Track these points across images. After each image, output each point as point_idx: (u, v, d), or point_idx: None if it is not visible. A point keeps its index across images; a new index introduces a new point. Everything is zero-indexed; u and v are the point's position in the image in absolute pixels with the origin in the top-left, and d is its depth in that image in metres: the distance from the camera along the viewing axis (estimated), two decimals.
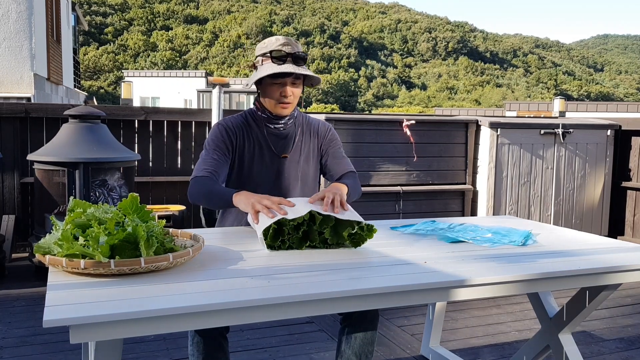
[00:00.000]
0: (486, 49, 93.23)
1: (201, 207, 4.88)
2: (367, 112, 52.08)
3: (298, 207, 1.82)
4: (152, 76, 31.88)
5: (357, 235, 1.83)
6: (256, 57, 2.20)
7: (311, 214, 1.79)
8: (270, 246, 1.78)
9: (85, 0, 70.64)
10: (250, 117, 2.27)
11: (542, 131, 5.21)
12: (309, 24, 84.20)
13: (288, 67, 2.10)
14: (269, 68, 2.11)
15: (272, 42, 2.15)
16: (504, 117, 6.74)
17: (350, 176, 2.28)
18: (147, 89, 29.03)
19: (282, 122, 2.24)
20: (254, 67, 2.21)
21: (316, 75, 2.20)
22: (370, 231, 1.82)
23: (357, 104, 68.82)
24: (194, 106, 23.57)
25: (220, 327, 1.94)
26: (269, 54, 2.13)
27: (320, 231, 1.81)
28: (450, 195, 5.12)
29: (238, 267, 1.59)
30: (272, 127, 2.24)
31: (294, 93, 2.17)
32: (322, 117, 4.62)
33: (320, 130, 2.35)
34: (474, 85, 77.47)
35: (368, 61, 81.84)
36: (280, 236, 1.78)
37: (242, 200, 1.91)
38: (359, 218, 1.82)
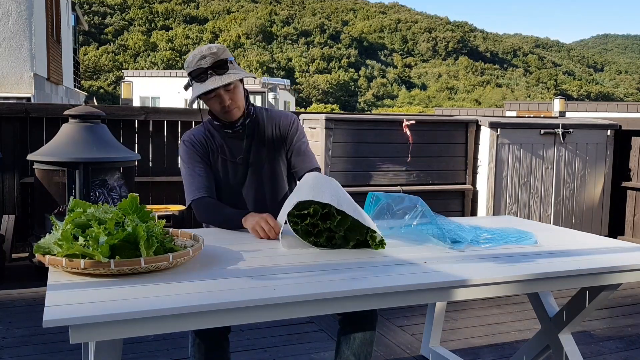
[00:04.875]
0: (486, 49, 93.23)
1: None
2: (367, 112, 52.07)
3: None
4: (152, 76, 31.88)
5: (364, 244, 1.84)
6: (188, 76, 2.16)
7: (329, 211, 1.81)
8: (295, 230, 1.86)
9: (85, 0, 70.64)
10: (210, 125, 2.27)
11: (542, 131, 5.21)
12: (309, 24, 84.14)
13: (210, 84, 2.06)
14: (195, 89, 2.09)
15: (191, 61, 2.10)
16: (504, 117, 6.74)
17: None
18: (147, 89, 29.03)
19: (239, 124, 2.21)
20: (189, 86, 2.17)
21: (242, 74, 2.11)
22: (380, 244, 1.82)
23: (357, 104, 68.83)
24: (194, 106, 23.51)
25: (221, 328, 1.95)
26: (190, 75, 2.10)
27: (331, 231, 1.82)
28: (450, 195, 5.12)
29: (238, 267, 1.59)
30: (231, 131, 2.23)
31: (232, 98, 2.13)
32: (322, 117, 4.62)
33: (283, 124, 2.28)
34: (474, 85, 77.49)
35: (368, 61, 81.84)
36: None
37: (248, 222, 2.02)
38: (375, 228, 1.82)
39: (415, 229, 2.04)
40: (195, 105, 2.27)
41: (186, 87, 2.17)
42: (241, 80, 2.17)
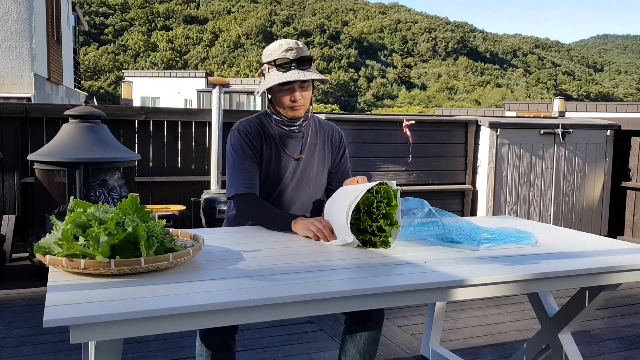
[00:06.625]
0: (486, 49, 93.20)
1: (201, 207, 4.90)
2: (367, 112, 52.04)
3: (340, 234, 1.88)
4: (152, 76, 31.84)
5: (370, 241, 1.84)
6: (263, 63, 2.20)
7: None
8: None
9: (85, 0, 70.63)
10: (265, 119, 2.27)
11: (542, 131, 5.21)
12: (309, 24, 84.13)
13: (293, 75, 2.09)
14: (274, 77, 2.11)
15: (276, 49, 2.14)
16: (504, 117, 6.74)
17: None
18: (148, 89, 29.01)
19: (297, 124, 2.23)
20: (262, 74, 2.22)
21: (323, 76, 2.18)
22: (383, 244, 1.83)
23: (357, 104, 68.80)
24: (194, 106, 23.56)
25: (229, 328, 1.95)
26: (273, 62, 2.13)
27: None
28: (450, 195, 5.12)
29: (238, 267, 1.59)
30: (287, 129, 2.23)
31: (303, 96, 2.16)
32: (322, 117, 4.61)
33: (335, 138, 2.36)
34: (474, 86, 77.44)
35: (368, 61, 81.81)
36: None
37: (299, 227, 2.00)
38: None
39: (421, 230, 2.04)
40: (259, 97, 2.31)
41: (260, 74, 2.23)
42: (312, 84, 2.22)
